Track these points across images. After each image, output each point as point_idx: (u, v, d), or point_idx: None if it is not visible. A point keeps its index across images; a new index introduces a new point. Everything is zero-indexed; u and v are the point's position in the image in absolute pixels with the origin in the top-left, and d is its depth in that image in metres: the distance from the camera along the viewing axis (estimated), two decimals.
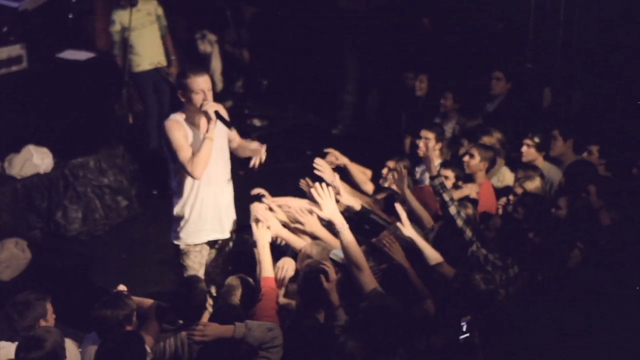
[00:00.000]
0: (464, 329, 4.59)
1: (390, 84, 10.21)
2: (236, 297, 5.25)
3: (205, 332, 4.43)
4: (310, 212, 5.70)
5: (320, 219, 5.46)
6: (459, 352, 4.61)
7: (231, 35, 11.31)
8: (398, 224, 5.47)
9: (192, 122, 5.58)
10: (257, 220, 5.40)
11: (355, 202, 6.10)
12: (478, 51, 9.45)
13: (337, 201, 5.75)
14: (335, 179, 6.11)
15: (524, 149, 7.22)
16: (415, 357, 4.48)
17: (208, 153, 5.45)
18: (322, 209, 5.00)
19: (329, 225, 5.35)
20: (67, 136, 8.91)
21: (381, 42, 10.20)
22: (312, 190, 5.04)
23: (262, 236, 5.33)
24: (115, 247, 8.19)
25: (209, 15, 11.23)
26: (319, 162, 6.43)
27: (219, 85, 11.06)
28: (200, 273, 5.78)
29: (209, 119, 5.44)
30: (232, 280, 5.33)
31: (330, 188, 5.06)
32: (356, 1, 10.23)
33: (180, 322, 4.95)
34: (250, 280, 5.35)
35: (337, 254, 5.25)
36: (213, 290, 5.89)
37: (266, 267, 5.20)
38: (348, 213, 5.95)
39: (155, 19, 9.26)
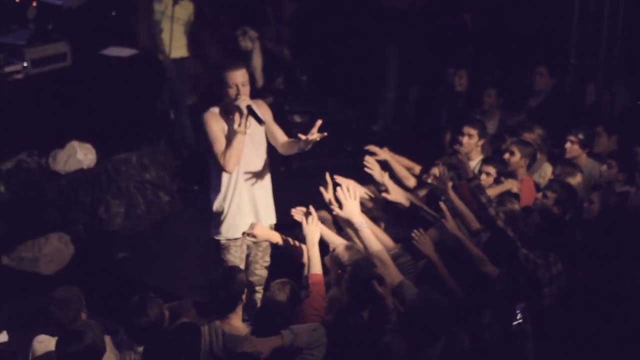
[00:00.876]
0: (518, 316, 4.57)
1: (431, 79, 10.15)
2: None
3: (257, 348, 4.34)
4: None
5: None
6: (510, 339, 4.59)
7: (272, 31, 11.33)
8: (443, 220, 5.49)
9: (229, 116, 5.60)
10: (308, 216, 5.36)
11: (404, 199, 6.14)
12: (521, 46, 9.35)
13: (385, 199, 6.06)
14: (384, 177, 6.19)
15: (568, 145, 7.15)
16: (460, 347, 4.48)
17: (239, 147, 5.46)
18: (343, 208, 5.24)
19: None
20: (110, 132, 9.01)
21: (422, 37, 10.14)
22: (338, 189, 5.25)
23: (313, 233, 5.26)
24: (157, 243, 8.24)
25: (250, 11, 11.27)
26: (369, 160, 6.53)
27: (260, 82, 11.08)
28: (242, 267, 5.78)
29: (240, 114, 5.46)
30: (276, 285, 5.31)
31: (354, 190, 5.27)
32: None
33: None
34: (294, 284, 5.33)
35: None
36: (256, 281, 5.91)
37: (315, 264, 5.18)
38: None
39: (187, 20, 9.37)
